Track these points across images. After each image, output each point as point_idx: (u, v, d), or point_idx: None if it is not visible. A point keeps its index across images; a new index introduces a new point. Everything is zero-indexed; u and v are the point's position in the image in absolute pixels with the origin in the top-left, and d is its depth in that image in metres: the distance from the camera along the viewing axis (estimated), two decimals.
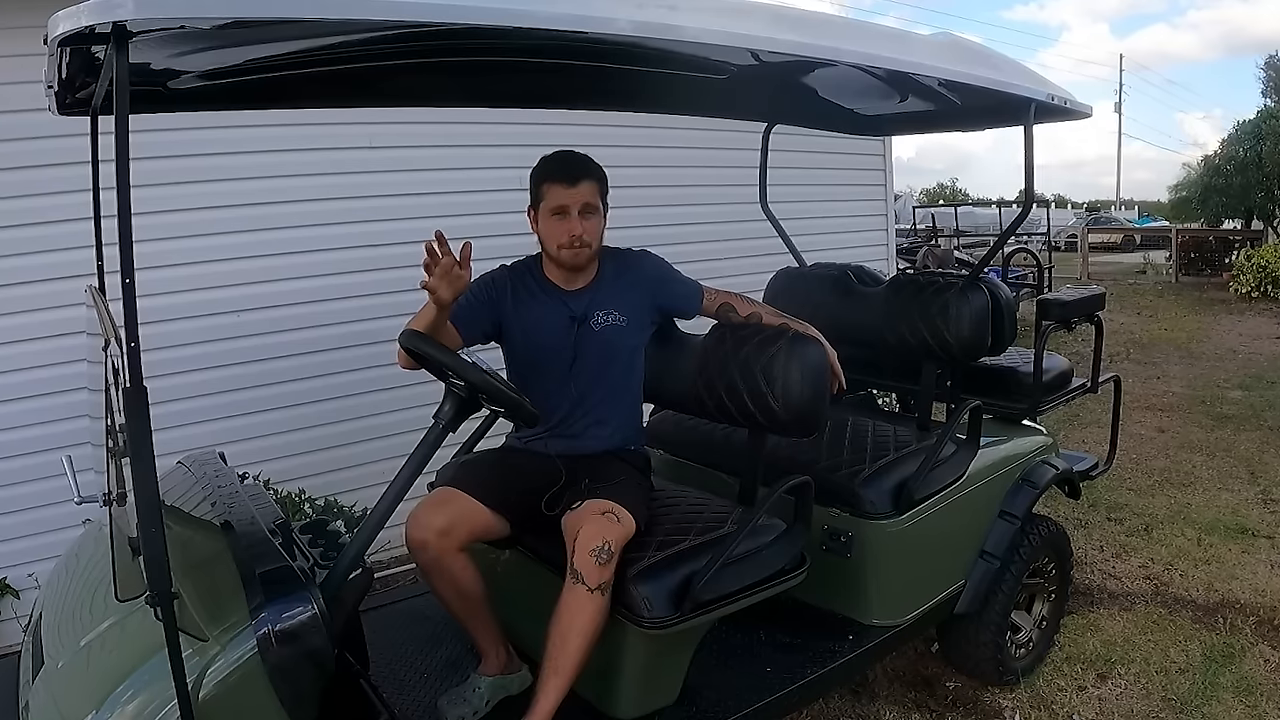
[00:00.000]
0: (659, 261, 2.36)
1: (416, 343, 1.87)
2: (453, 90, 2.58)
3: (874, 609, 2.45)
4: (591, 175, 2.14)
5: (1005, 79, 2.39)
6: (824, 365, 2.17)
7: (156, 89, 1.91)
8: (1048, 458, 2.93)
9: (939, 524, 2.53)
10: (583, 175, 2.12)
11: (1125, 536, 4.04)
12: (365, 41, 1.76)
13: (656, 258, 2.36)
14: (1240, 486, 4.67)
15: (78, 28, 1.21)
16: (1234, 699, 2.78)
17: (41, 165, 3.20)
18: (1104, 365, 3.54)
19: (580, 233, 2.11)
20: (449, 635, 2.33)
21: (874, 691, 2.87)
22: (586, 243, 2.13)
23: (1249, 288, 11.94)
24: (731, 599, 1.99)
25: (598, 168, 2.17)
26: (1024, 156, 2.57)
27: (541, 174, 2.15)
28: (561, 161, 2.14)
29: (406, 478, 1.75)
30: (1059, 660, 3.02)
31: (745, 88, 2.59)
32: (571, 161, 2.14)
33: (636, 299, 2.25)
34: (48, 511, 3.30)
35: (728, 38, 1.76)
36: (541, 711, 1.87)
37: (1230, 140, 16.12)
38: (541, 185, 2.14)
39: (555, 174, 2.12)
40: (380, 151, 3.93)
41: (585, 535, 1.85)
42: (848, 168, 5.91)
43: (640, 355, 2.33)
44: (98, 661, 1.56)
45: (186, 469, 2.23)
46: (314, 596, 1.51)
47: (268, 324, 3.77)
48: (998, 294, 2.80)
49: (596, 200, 2.15)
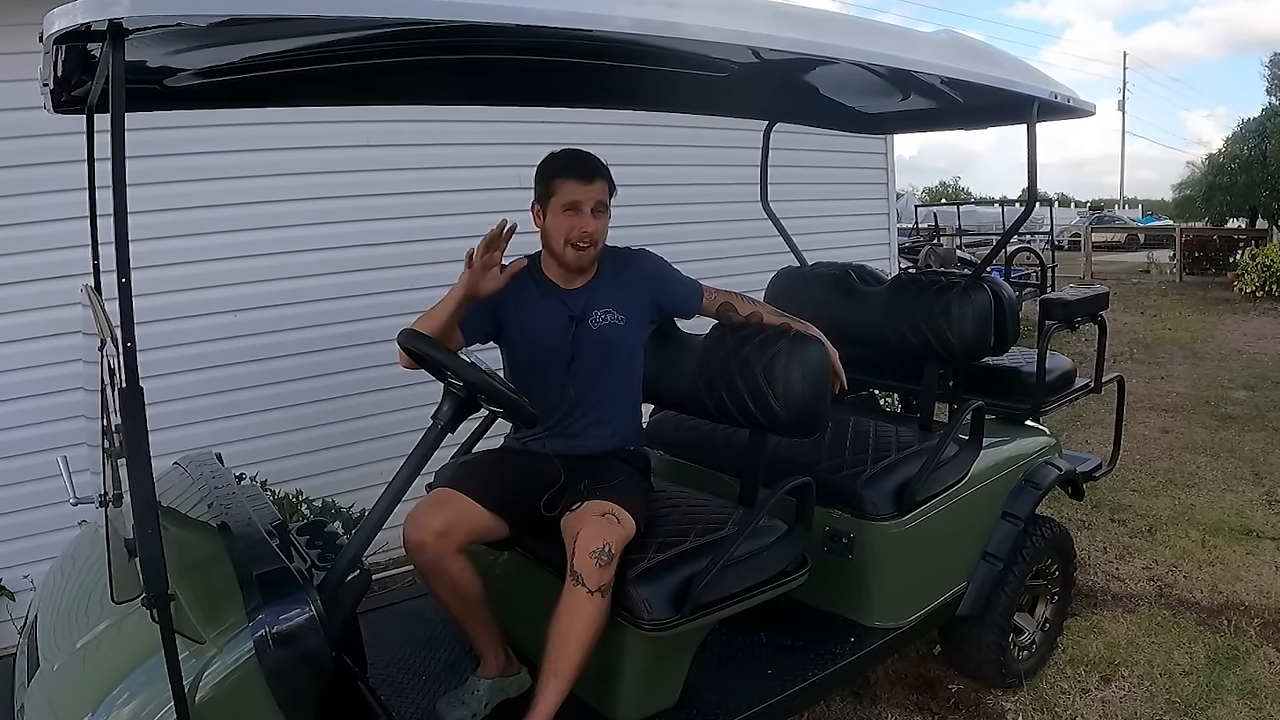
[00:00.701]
0: (658, 260, 2.36)
1: (415, 343, 1.88)
2: (450, 88, 2.58)
3: (876, 611, 2.45)
4: (604, 175, 2.16)
5: (1008, 77, 2.39)
6: (825, 365, 2.17)
7: (153, 87, 1.91)
8: (1051, 458, 2.93)
9: (941, 525, 2.53)
10: (597, 173, 2.14)
11: (1129, 538, 4.04)
12: (362, 39, 1.76)
13: (655, 257, 2.36)
14: (1245, 488, 4.67)
15: (74, 25, 1.21)
16: (1238, 701, 2.78)
17: (38, 164, 3.20)
18: (1107, 365, 3.54)
19: (592, 230, 2.13)
20: (448, 637, 2.33)
21: (876, 694, 2.87)
22: (595, 241, 2.15)
23: (1254, 287, 11.93)
24: (732, 601, 1.99)
25: (605, 168, 2.19)
26: (1027, 155, 2.57)
27: (554, 169, 2.15)
28: (577, 158, 2.16)
29: (405, 478, 1.75)
30: (1062, 662, 3.02)
31: (746, 85, 2.59)
32: (587, 159, 2.16)
33: (635, 298, 2.26)
34: (43, 513, 3.29)
35: (728, 35, 1.75)
36: (541, 714, 1.87)
37: (1235, 138, 16.15)
38: (554, 180, 2.13)
39: (570, 170, 2.12)
40: (378, 150, 3.93)
41: (585, 537, 1.85)
42: (849, 166, 5.90)
43: (639, 355, 2.33)
44: (94, 664, 1.56)
45: (183, 470, 2.23)
46: (311, 598, 1.51)
47: (265, 324, 3.77)
48: (1000, 293, 2.80)
49: (607, 199, 2.17)
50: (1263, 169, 14.94)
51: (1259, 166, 15.02)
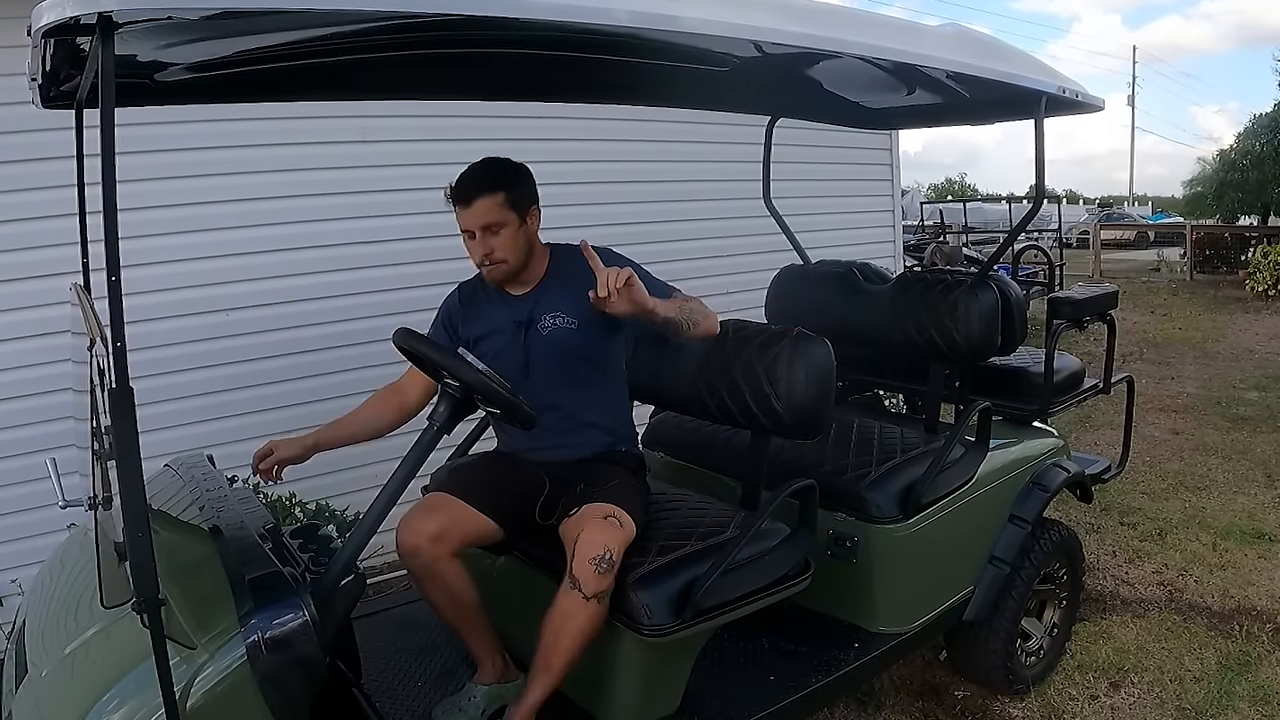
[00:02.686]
0: (619, 260, 2.15)
1: (410, 341, 1.88)
2: (446, 83, 2.58)
3: (880, 616, 2.45)
4: (488, 189, 2.05)
5: (1015, 71, 2.39)
6: (829, 366, 2.16)
7: (143, 82, 1.91)
8: (1059, 460, 2.93)
9: (947, 528, 2.53)
10: (476, 194, 2.05)
11: (1138, 541, 4.04)
12: (356, 33, 1.76)
13: (616, 256, 2.17)
14: (1257, 490, 4.67)
15: (62, 18, 1.21)
16: (1250, 708, 2.78)
17: (25, 160, 3.20)
18: (1117, 365, 3.54)
19: (488, 251, 2.09)
20: (444, 643, 2.32)
21: (880, 701, 2.87)
22: (499, 259, 2.11)
23: (1266, 285, 11.91)
24: (734, 605, 1.99)
25: (504, 175, 2.09)
26: (1034, 151, 2.57)
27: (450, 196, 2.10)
28: (459, 181, 2.09)
29: (400, 481, 1.75)
30: (1070, 668, 3.02)
31: (748, 80, 2.58)
32: (465, 181, 2.08)
33: (585, 299, 2.05)
34: (31, 516, 3.29)
35: (729, 29, 1.75)
36: (529, 704, 1.90)
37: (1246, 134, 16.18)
38: (454, 207, 2.11)
39: (454, 196, 2.08)
40: (372, 146, 3.93)
41: (586, 542, 1.85)
42: (853, 162, 5.90)
43: (615, 355, 2.29)
44: (83, 670, 1.55)
45: (174, 472, 2.23)
46: (305, 603, 1.50)
47: (257, 323, 3.77)
48: (1007, 292, 2.80)
49: (500, 215, 2.07)
50: (1275, 165, 14.97)
51: (1271, 163, 15.04)
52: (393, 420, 2.28)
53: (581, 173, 4.44)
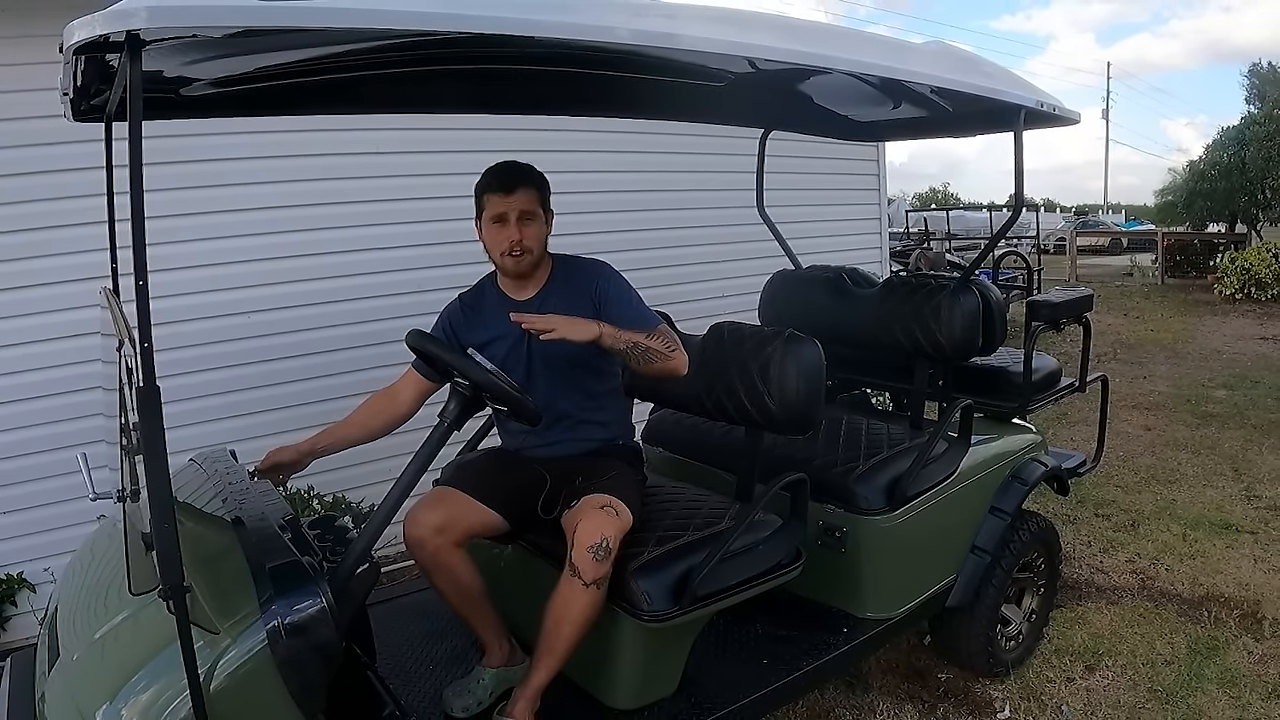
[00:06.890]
0: (613, 279, 2.20)
1: (421, 342, 1.89)
2: (456, 97, 2.58)
3: (868, 603, 2.45)
4: (528, 183, 2.12)
5: (996, 86, 2.39)
6: (820, 365, 2.16)
7: (169, 96, 1.91)
8: (1037, 455, 2.93)
9: (931, 520, 2.53)
10: (519, 183, 2.11)
11: (1113, 532, 4.04)
12: (371, 50, 1.76)
13: (613, 274, 2.20)
14: (1224, 483, 4.67)
15: (92, 36, 1.20)
16: (1218, 690, 2.78)
17: (59, 170, 3.20)
18: (1092, 365, 3.54)
19: (519, 238, 2.11)
20: (454, 628, 2.32)
21: (868, 683, 2.87)
22: (526, 248, 2.12)
23: (1233, 289, 11.93)
24: (729, 593, 1.99)
25: (538, 176, 2.15)
26: (1014, 162, 2.56)
27: (481, 185, 2.15)
28: (499, 171, 2.14)
29: (412, 474, 1.76)
30: (1048, 652, 3.02)
31: (742, 94, 2.59)
32: (508, 171, 2.13)
33: (581, 310, 2.10)
34: (63, 508, 3.29)
35: (726, 46, 1.75)
36: (534, 685, 1.91)
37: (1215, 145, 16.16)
38: (482, 195, 2.14)
39: (492, 184, 2.12)
40: (386, 157, 3.94)
41: (584, 531, 1.86)
42: (842, 173, 5.90)
43: (612, 360, 2.22)
44: (112, 654, 1.55)
45: (198, 466, 2.23)
46: (322, 590, 1.50)
47: (277, 325, 3.77)
48: (988, 296, 2.80)
49: (535, 207, 2.13)
50: (1242, 175, 14.94)
51: (1238, 173, 15.02)
52: (385, 424, 2.25)
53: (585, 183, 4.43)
